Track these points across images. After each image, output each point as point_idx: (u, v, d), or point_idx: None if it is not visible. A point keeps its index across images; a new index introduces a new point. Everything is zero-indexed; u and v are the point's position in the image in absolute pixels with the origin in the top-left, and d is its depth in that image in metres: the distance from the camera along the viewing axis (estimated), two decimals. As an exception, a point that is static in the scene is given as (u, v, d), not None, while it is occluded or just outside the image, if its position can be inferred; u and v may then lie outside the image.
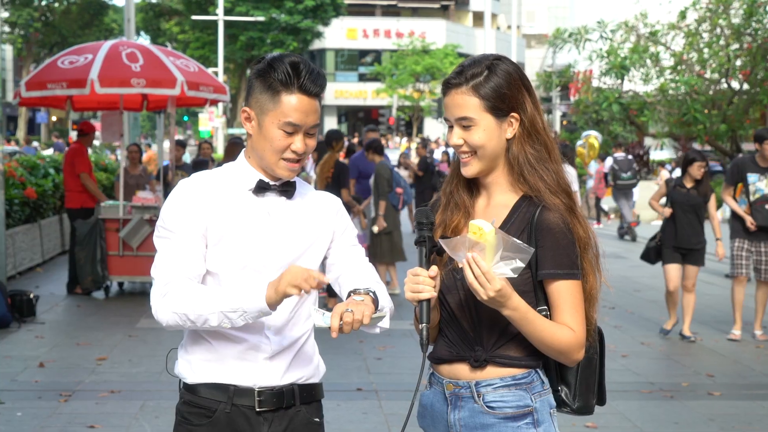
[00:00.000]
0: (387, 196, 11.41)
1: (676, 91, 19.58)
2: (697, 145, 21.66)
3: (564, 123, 45.00)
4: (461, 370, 2.64)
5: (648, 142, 26.37)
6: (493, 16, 50.85)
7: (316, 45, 51.97)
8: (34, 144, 37.66)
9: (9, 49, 54.18)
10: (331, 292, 10.39)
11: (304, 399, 2.81)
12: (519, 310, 2.50)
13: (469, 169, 2.66)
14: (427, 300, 2.50)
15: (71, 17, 50.84)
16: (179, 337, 2.90)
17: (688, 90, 19.11)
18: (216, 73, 39.44)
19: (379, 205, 11.36)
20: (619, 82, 20.39)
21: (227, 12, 42.89)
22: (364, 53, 56.93)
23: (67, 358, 8.23)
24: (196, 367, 2.78)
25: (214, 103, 13.64)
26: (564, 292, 2.57)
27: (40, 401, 6.84)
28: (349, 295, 2.67)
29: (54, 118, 56.01)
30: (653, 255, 9.44)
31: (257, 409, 2.75)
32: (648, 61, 19.90)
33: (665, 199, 9.49)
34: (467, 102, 2.61)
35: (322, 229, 2.86)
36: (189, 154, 16.94)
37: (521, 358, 2.61)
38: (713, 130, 19.10)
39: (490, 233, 2.41)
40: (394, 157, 24.59)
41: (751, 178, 9.18)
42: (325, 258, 2.89)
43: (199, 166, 14.04)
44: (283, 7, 44.27)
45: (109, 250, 11.28)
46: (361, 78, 56.34)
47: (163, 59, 11.37)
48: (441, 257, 2.62)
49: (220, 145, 40.47)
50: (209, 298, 2.63)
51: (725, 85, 19.67)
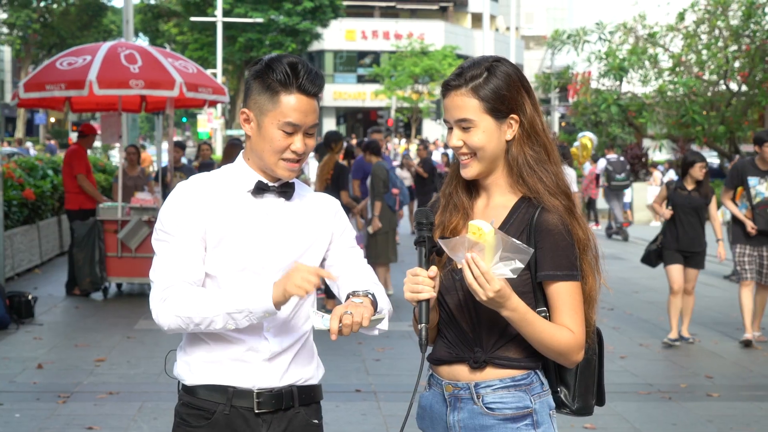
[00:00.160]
0: (383, 197, 11.41)
1: (675, 92, 19.60)
2: (695, 147, 21.66)
3: (563, 124, 45.00)
4: (460, 372, 2.63)
5: (646, 143, 26.37)
6: (492, 17, 50.83)
7: (315, 46, 51.97)
8: (27, 144, 37.62)
9: (7, 51, 54.27)
10: (329, 294, 10.38)
11: (303, 400, 2.81)
12: (518, 311, 2.49)
13: (469, 171, 2.65)
14: (427, 300, 2.50)
15: (70, 18, 50.86)
16: (178, 339, 2.89)
17: (687, 91, 19.13)
18: (215, 75, 39.44)
19: (374, 206, 11.36)
20: (617, 83, 20.41)
21: (226, 13, 42.89)
22: (362, 55, 56.94)
23: (65, 359, 8.22)
24: (195, 368, 2.78)
25: (213, 104, 13.64)
26: (563, 294, 2.57)
27: (39, 402, 6.84)
28: (347, 297, 2.67)
29: (52, 120, 56.02)
30: (654, 258, 9.33)
31: (256, 411, 2.75)
32: (646, 62, 19.92)
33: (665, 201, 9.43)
34: (467, 104, 2.61)
35: (321, 230, 2.86)
36: (185, 158, 16.97)
37: (520, 359, 2.60)
38: (712, 131, 19.12)
39: (490, 234, 2.41)
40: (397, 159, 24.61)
41: (752, 181, 9.08)
42: (323, 260, 2.89)
43: (205, 168, 14.03)
44: (282, 9, 44.26)
45: (108, 252, 11.27)
46: (360, 79, 56.35)
47: (161, 60, 11.37)
48: (440, 258, 2.63)
49: (218, 147, 40.45)
50: (213, 301, 2.63)
51: (724, 87, 19.68)
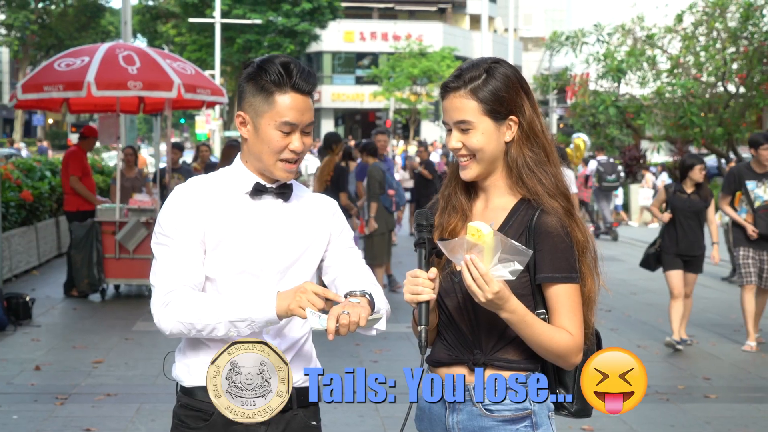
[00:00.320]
0: (379, 198, 11.42)
1: (673, 94, 19.58)
2: (693, 149, 21.67)
3: (561, 126, 45.01)
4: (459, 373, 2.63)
5: (644, 145, 26.35)
6: (490, 19, 50.80)
7: (313, 48, 51.97)
8: (20, 145, 37.63)
9: (5, 52, 54.26)
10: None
11: (301, 402, 2.80)
12: (517, 312, 2.49)
13: (468, 173, 2.65)
14: (426, 302, 2.49)
15: (68, 20, 50.80)
16: (176, 341, 2.89)
17: (685, 93, 19.11)
18: (213, 76, 39.42)
19: (371, 207, 11.37)
20: (615, 85, 20.39)
21: (224, 15, 42.86)
22: (361, 56, 56.96)
23: (63, 361, 8.22)
24: (194, 370, 2.78)
25: (211, 105, 13.62)
26: (562, 296, 2.57)
27: (36, 404, 6.83)
28: (345, 297, 2.67)
29: (50, 121, 55.99)
30: (653, 262, 9.22)
31: (255, 412, 2.75)
32: (644, 64, 19.90)
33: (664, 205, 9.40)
34: (466, 105, 2.61)
35: (319, 231, 2.86)
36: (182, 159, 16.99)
37: (519, 361, 2.60)
38: (710, 133, 19.10)
39: (489, 235, 2.40)
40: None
41: (750, 185, 9.02)
42: (321, 260, 2.89)
43: (211, 168, 14.01)
44: (280, 10, 44.24)
45: (106, 253, 11.26)
46: (358, 81, 56.37)
47: (160, 62, 11.36)
48: (440, 260, 2.62)
49: (216, 148, 40.44)
50: (216, 308, 2.63)
51: (722, 89, 19.67)
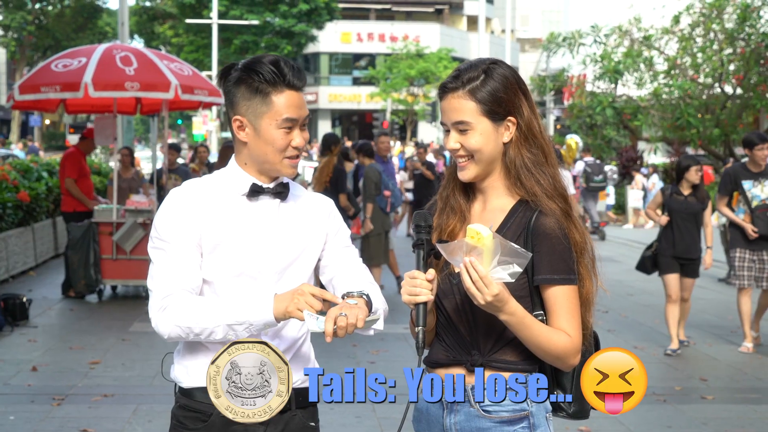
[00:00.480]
0: (374, 199, 11.43)
1: (670, 95, 19.60)
2: (690, 150, 21.68)
3: (558, 127, 45.04)
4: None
5: (641, 146, 26.38)
6: (487, 20, 50.93)
7: (311, 49, 51.95)
8: (11, 147, 37.68)
9: (2, 53, 54.19)
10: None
11: (299, 403, 2.80)
12: (516, 314, 2.49)
13: (466, 173, 2.65)
14: (424, 303, 2.49)
15: (65, 20, 50.77)
16: (173, 342, 2.88)
17: (682, 94, 19.13)
18: (210, 77, 39.37)
19: (366, 208, 11.38)
20: (612, 86, 20.40)
21: (221, 15, 42.85)
22: (358, 57, 56.93)
23: (60, 361, 8.21)
24: (192, 371, 2.78)
25: (208, 106, 13.61)
26: (560, 298, 2.57)
27: (33, 405, 6.82)
28: (342, 298, 2.67)
29: (47, 122, 55.95)
30: (649, 265, 9.17)
31: (253, 413, 2.74)
32: (642, 65, 19.92)
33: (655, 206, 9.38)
34: (464, 106, 2.61)
35: (315, 231, 2.86)
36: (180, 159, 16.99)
37: (517, 362, 2.60)
38: (706, 134, 19.12)
39: (488, 238, 2.41)
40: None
41: (746, 185, 9.02)
42: (318, 260, 2.89)
43: (213, 168, 14.01)
44: (278, 11, 44.23)
45: (103, 254, 11.25)
46: (355, 82, 56.34)
47: (157, 63, 11.35)
48: (438, 261, 2.62)
49: (214, 149, 40.42)
50: (213, 311, 2.63)
51: (719, 90, 19.68)
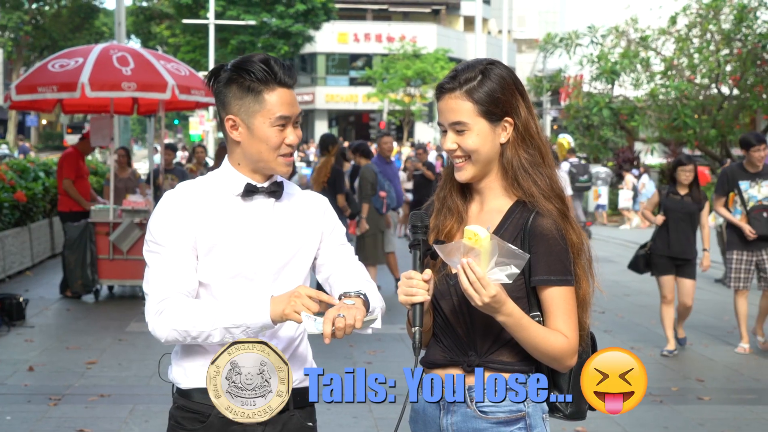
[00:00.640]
0: (370, 199, 11.45)
1: (667, 96, 19.62)
2: (687, 150, 21.71)
3: (555, 128, 45.06)
4: (454, 375, 2.63)
5: (638, 146, 26.40)
6: (484, 20, 50.91)
7: (307, 49, 51.90)
8: (2, 146, 37.70)
9: (-1, 52, 54.11)
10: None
11: (297, 403, 2.80)
12: (513, 316, 2.49)
13: (463, 174, 2.65)
14: (420, 303, 2.49)
15: (62, 20, 50.74)
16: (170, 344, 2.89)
17: (678, 95, 19.16)
18: (207, 77, 39.32)
19: (362, 208, 11.39)
20: (609, 87, 20.43)
21: (218, 16, 42.80)
22: (354, 57, 56.91)
23: (56, 361, 8.20)
24: (190, 372, 2.78)
25: (204, 106, 13.61)
26: (557, 299, 2.57)
27: (30, 405, 6.82)
28: (339, 299, 2.67)
29: (44, 122, 55.91)
30: (642, 265, 9.10)
31: (251, 414, 2.74)
32: (638, 66, 19.95)
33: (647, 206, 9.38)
34: (461, 107, 2.61)
35: (311, 230, 2.86)
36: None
37: (514, 363, 2.60)
38: (703, 135, 19.15)
39: (486, 239, 2.41)
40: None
41: (743, 185, 8.97)
42: (314, 258, 2.89)
43: (210, 169, 14.00)
44: (274, 11, 44.20)
45: (99, 254, 11.24)
46: (352, 82, 56.32)
47: (154, 63, 11.34)
48: (434, 262, 2.62)
49: (210, 149, 40.42)
50: (210, 314, 2.63)
51: (715, 91, 19.71)
